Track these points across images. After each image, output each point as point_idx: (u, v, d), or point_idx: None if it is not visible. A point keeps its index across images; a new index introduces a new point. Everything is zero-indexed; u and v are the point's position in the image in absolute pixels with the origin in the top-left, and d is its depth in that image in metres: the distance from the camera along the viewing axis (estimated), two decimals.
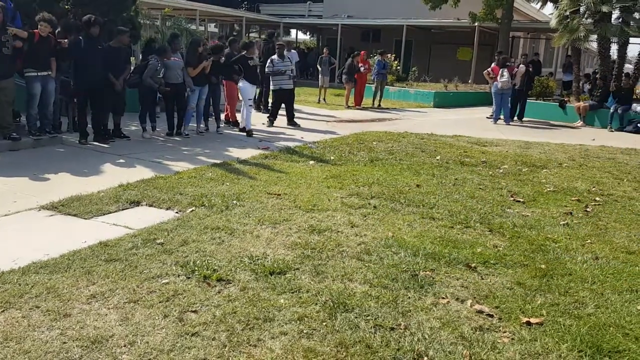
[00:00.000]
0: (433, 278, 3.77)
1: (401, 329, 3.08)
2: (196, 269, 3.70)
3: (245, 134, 9.88)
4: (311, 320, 3.11)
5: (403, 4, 24.55)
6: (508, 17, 20.61)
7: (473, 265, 4.02)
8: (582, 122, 13.99)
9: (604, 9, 13.06)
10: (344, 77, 15.39)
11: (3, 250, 3.96)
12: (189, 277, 3.60)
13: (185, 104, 9.31)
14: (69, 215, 4.84)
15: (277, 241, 4.35)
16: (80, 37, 7.88)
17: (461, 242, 4.52)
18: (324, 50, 17.53)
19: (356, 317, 3.17)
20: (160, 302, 3.25)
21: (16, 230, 4.47)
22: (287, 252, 4.11)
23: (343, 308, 3.26)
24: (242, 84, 10.05)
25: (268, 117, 11.35)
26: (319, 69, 16.78)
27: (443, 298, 3.49)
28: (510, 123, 13.73)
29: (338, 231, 4.62)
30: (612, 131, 13.13)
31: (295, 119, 11.49)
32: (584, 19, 13.89)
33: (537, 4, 18.55)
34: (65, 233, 4.40)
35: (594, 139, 11.32)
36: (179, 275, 3.62)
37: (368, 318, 3.17)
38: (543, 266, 4.08)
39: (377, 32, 27.59)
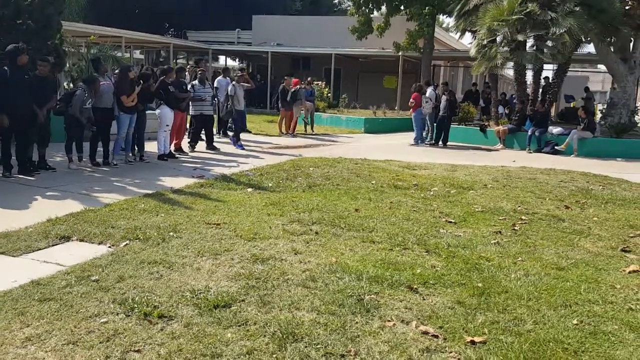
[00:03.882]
0: (378, 301, 3.82)
1: (351, 355, 3.09)
2: (135, 306, 3.56)
3: (166, 160, 9.92)
4: (260, 353, 3.06)
5: (331, 33, 25.18)
6: (429, 47, 21.60)
7: (414, 286, 4.11)
8: (502, 145, 14.77)
9: (520, 37, 13.91)
10: (280, 103, 15.37)
11: None
12: (129, 315, 3.45)
13: (109, 132, 9.05)
14: None
15: (220, 273, 4.26)
16: (6, 68, 7.48)
17: (401, 263, 4.62)
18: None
19: (306, 347, 3.15)
20: (100, 342, 3.09)
21: None
22: (230, 284, 4.03)
23: (292, 338, 3.23)
24: (161, 109, 9.95)
25: (189, 142, 11.42)
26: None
27: (389, 321, 3.54)
28: (435, 147, 14.39)
29: (282, 259, 4.60)
30: (530, 153, 13.93)
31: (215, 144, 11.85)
32: (501, 47, 14.75)
33: (456, 34, 19.52)
34: None
35: (514, 161, 11.92)
36: (117, 314, 3.46)
37: (318, 346, 3.15)
38: (480, 284, 4.22)
39: (307, 60, 28.02)
